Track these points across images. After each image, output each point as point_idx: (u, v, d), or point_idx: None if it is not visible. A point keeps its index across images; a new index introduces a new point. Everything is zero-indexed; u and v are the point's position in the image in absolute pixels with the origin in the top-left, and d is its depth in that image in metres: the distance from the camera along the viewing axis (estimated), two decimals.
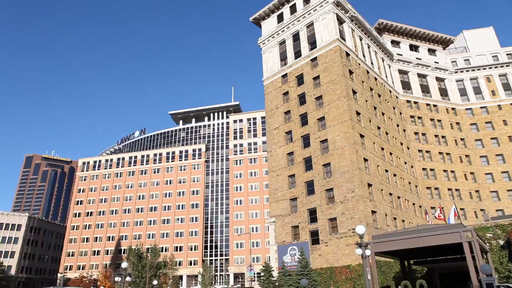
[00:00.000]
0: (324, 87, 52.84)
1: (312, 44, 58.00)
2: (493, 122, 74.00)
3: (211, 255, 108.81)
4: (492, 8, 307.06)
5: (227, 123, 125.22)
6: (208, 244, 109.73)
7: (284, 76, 60.40)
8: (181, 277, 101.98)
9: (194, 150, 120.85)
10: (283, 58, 62.13)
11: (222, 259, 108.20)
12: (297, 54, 59.82)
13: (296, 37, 61.31)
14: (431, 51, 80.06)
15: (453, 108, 75.13)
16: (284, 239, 49.91)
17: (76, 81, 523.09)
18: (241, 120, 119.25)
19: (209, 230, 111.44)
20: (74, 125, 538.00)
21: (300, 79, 57.45)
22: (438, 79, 77.46)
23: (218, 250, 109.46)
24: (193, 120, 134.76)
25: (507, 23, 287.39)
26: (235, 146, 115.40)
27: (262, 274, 47.46)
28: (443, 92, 76.60)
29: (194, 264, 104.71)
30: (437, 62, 78.62)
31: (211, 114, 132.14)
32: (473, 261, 23.55)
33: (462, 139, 72.12)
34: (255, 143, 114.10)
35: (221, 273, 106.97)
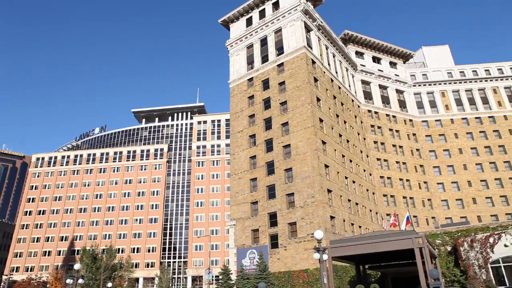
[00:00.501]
0: (289, 92, 53.62)
1: (280, 50, 58.74)
2: (446, 134, 78.05)
3: (169, 257, 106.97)
4: (448, 28, 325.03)
5: (191, 124, 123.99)
6: (167, 246, 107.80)
7: (250, 80, 60.72)
8: (137, 280, 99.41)
9: (156, 150, 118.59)
10: (250, 62, 62.46)
11: (181, 261, 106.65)
12: (264, 58, 60.35)
13: (264, 41, 61.85)
14: (392, 64, 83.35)
15: (410, 120, 78.47)
16: (244, 243, 49.98)
17: (34, 73, 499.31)
18: (205, 122, 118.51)
19: (168, 231, 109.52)
20: (29, 120, 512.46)
21: (266, 84, 57.96)
22: (398, 91, 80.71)
23: (177, 252, 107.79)
24: (157, 119, 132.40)
25: (461, 43, 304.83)
26: (198, 147, 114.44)
27: (220, 277, 47.23)
28: (402, 104, 79.89)
29: (152, 266, 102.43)
30: (398, 75, 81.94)
31: (175, 114, 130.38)
32: (422, 266, 24.67)
33: (417, 150, 75.44)
34: (219, 145, 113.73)
35: (178, 276, 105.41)
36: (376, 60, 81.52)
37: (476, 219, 69.06)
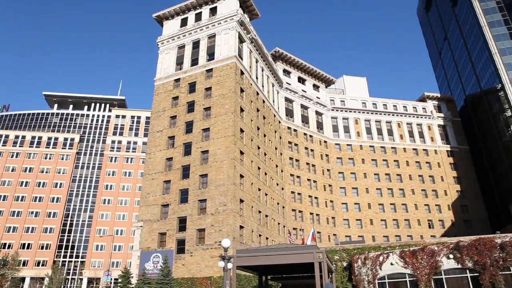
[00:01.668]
0: (214, 99, 53.77)
1: (211, 55, 58.78)
2: (355, 159, 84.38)
3: (65, 256, 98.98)
4: (368, 62, 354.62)
5: (109, 116, 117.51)
6: (64, 244, 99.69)
7: (177, 80, 59.70)
8: (23, 279, 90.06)
9: (65, 139, 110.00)
10: (180, 62, 61.49)
11: (78, 261, 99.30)
12: (194, 61, 59.87)
13: (196, 45, 61.41)
14: (316, 87, 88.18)
15: (325, 141, 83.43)
16: (149, 245, 48.35)
17: None
18: (124, 116, 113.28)
19: (67, 228, 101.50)
20: None
21: (192, 87, 57.44)
22: (317, 113, 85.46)
23: (75, 251, 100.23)
24: (71, 106, 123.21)
25: (376, 77, 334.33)
26: (113, 142, 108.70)
27: (119, 280, 44.94)
28: (320, 125, 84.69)
29: (43, 265, 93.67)
30: (319, 98, 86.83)
31: (93, 104, 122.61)
32: (320, 279, 26.15)
33: (328, 170, 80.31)
34: (135, 143, 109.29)
35: (73, 277, 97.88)
36: (301, 80, 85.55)
37: (371, 238, 75.36)
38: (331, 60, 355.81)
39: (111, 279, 79.80)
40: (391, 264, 31.10)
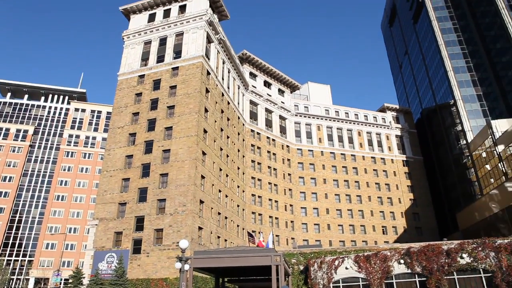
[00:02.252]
0: (179, 98, 53.09)
1: (177, 53, 58.03)
2: (315, 164, 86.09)
3: (11, 255, 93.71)
4: (332, 71, 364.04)
5: (67, 109, 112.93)
6: (10, 242, 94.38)
7: (142, 76, 58.42)
8: None
9: (18, 131, 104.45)
10: (145, 58, 60.23)
11: (25, 260, 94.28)
12: (160, 58, 58.86)
13: (163, 41, 60.40)
14: (281, 92, 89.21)
15: (287, 146, 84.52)
16: (104, 245, 46.81)
17: None
18: (84, 110, 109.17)
19: (15, 225, 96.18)
20: None
21: (156, 84, 56.41)
22: (281, 117, 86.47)
23: (22, 249, 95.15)
24: (26, 96, 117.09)
25: (340, 85, 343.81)
26: (70, 136, 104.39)
27: (70, 280, 43.17)
28: (283, 130, 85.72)
29: None
30: (283, 103, 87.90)
31: (50, 95, 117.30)
32: (277, 282, 26.42)
33: (289, 174, 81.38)
34: (94, 138, 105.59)
35: (19, 277, 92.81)
36: (267, 84, 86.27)
37: (328, 243, 77.11)
38: (297, 66, 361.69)
39: (61, 279, 76.44)
40: (346, 268, 31.96)
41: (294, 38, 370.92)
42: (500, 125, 58.16)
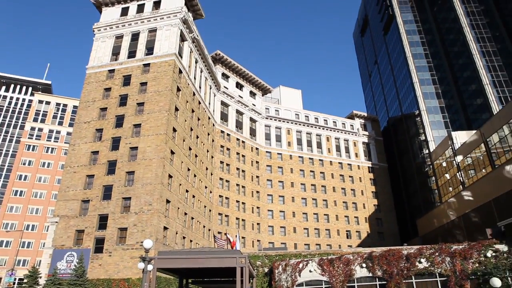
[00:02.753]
0: (149, 95, 52.20)
1: (150, 50, 57.07)
2: (284, 168, 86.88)
3: None
4: (304, 76, 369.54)
5: (30, 101, 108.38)
6: None
7: (112, 71, 56.99)
8: None
9: None
10: (116, 53, 58.80)
11: None
12: (132, 54, 57.68)
13: (135, 37, 59.23)
14: (252, 94, 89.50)
15: (257, 148, 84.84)
16: (64, 243, 45.17)
17: None
18: (48, 102, 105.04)
19: None
20: None
21: (127, 80, 55.21)
22: (252, 120, 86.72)
23: None
24: None
25: (311, 90, 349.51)
26: (32, 129, 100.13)
27: (25, 280, 41.30)
28: (253, 132, 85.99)
29: None
30: (255, 105, 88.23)
31: (12, 85, 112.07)
32: (241, 284, 26.43)
33: (257, 177, 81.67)
34: (59, 132, 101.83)
35: None
36: (239, 86, 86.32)
37: (293, 246, 77.93)
38: (270, 70, 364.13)
39: (15, 278, 73.09)
40: (310, 271, 32.46)
41: (268, 41, 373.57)
42: (460, 137, 60.93)
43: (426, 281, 29.51)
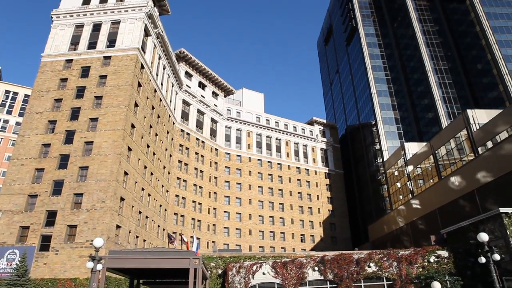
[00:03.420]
0: (108, 89, 50.56)
1: (112, 42, 55.32)
2: (242, 170, 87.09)
3: None
4: (268, 79, 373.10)
5: None
6: None
7: (69, 61, 54.62)
8: None
9: None
10: (75, 42, 56.43)
11: None
12: (92, 45, 55.61)
13: (97, 27, 57.17)
14: (215, 94, 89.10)
15: (216, 149, 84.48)
16: (6, 240, 42.51)
17: None
18: None
19: None
20: None
21: (85, 71, 53.14)
22: (213, 120, 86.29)
23: None
24: None
25: (273, 94, 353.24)
26: None
27: None
28: (213, 133, 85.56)
29: None
30: (216, 106, 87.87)
31: None
32: (193, 286, 26.16)
33: (215, 178, 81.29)
34: (7, 121, 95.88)
35: None
36: (201, 85, 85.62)
37: (248, 248, 78.19)
38: (234, 72, 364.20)
39: None
40: (263, 273, 32.73)
41: (234, 43, 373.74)
42: (411, 148, 64.09)
43: (374, 285, 30.72)
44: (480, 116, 47.77)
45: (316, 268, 31.74)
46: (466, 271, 29.92)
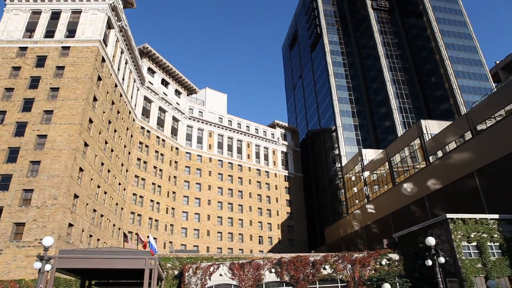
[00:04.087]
0: (66, 81, 48.43)
1: (71, 32, 53.04)
2: (202, 170, 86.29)
3: None
4: (232, 80, 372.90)
5: None
6: None
7: (24, 49, 51.76)
8: None
9: None
10: (31, 29, 53.56)
11: None
12: (50, 33, 53.02)
13: (56, 15, 54.58)
14: (177, 93, 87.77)
15: (177, 148, 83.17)
16: None
17: None
18: None
19: None
20: None
21: (41, 61, 50.55)
22: (174, 119, 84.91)
23: None
24: None
25: (237, 95, 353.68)
26: None
27: None
28: (174, 131, 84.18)
29: None
30: (179, 104, 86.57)
31: None
32: (149, 287, 25.56)
33: (175, 177, 79.97)
34: None
35: None
36: (164, 83, 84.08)
37: (206, 249, 77.51)
38: (198, 71, 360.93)
39: None
40: (220, 275, 32.62)
41: (199, 42, 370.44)
42: (368, 154, 66.40)
43: (329, 286, 31.49)
44: (432, 127, 50.37)
45: (273, 270, 32.04)
46: (414, 273, 31.41)
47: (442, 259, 24.13)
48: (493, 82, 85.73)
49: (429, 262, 24.72)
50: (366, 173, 64.51)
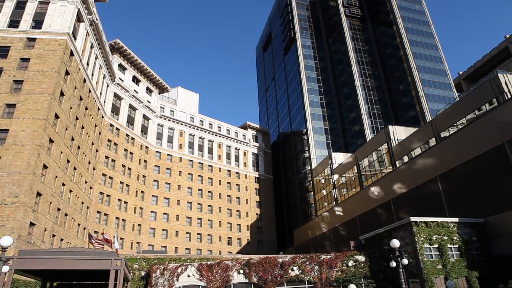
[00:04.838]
0: (31, 74, 46.54)
1: (38, 23, 51.04)
2: (172, 170, 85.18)
3: None
4: (204, 79, 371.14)
5: None
6: None
7: None
8: None
9: None
10: None
11: None
12: (14, 23, 50.79)
13: (21, 4, 52.35)
14: (149, 91, 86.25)
15: (146, 147, 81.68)
16: None
17: None
18: None
19: None
20: None
21: (4, 52, 48.29)
22: (145, 117, 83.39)
23: None
24: None
25: (209, 95, 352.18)
26: None
27: None
28: (144, 130, 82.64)
29: None
30: (150, 102, 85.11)
31: None
32: None
33: (144, 176, 78.48)
34: None
35: None
36: (135, 80, 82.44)
37: (174, 250, 76.46)
38: (170, 69, 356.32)
39: None
40: (188, 276, 32.27)
41: (172, 41, 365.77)
42: (338, 158, 67.66)
43: (296, 287, 31.80)
44: (399, 132, 51.98)
45: (242, 271, 32.03)
46: (379, 275, 32.25)
47: (405, 261, 24.88)
48: (456, 92, 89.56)
49: (394, 264, 25.44)
50: (335, 176, 65.70)
